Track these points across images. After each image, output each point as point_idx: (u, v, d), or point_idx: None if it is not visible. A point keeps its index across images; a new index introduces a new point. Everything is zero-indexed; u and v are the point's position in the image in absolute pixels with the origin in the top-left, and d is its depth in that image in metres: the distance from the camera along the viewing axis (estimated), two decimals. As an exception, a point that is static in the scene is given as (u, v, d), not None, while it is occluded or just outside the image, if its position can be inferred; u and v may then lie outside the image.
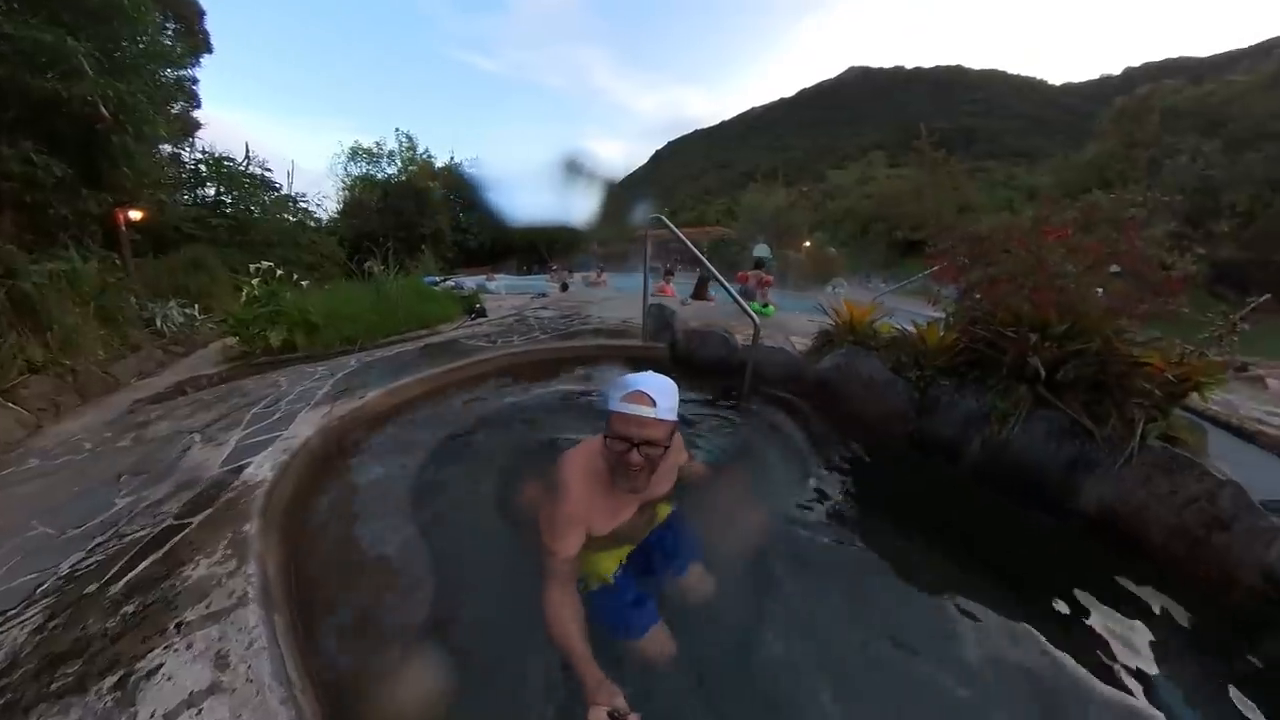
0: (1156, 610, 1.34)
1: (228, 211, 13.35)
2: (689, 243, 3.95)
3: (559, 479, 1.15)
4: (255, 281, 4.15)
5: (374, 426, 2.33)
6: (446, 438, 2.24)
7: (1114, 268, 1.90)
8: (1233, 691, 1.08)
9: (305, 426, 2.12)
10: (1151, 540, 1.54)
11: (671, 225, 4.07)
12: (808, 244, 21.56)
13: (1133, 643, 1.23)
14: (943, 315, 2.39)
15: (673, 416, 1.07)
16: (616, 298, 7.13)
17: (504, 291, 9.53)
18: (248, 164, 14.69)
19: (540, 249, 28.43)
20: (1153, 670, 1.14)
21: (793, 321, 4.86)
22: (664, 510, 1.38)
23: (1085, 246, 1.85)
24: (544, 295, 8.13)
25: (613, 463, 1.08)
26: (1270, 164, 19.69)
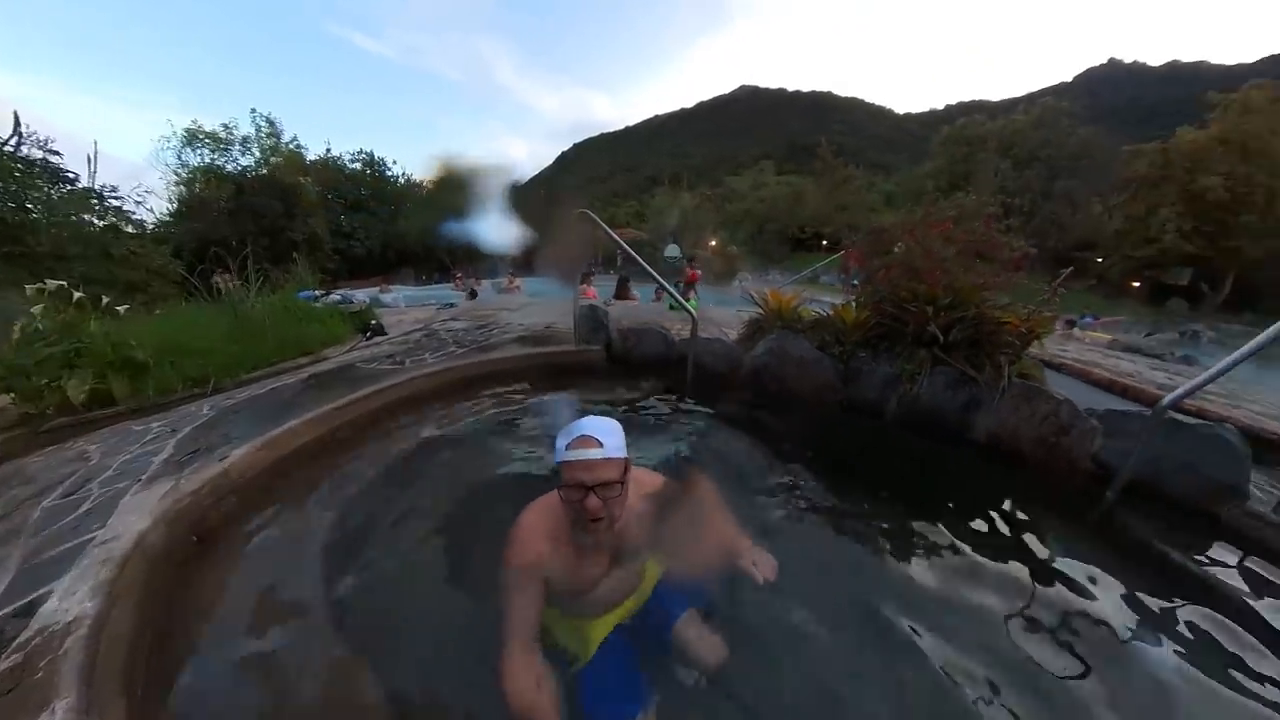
0: (1032, 497, 1.92)
1: (-15, 212, 9.47)
2: (624, 244, 3.93)
3: (515, 531, 1.09)
4: (38, 310, 2.95)
5: (247, 497, 1.70)
6: (361, 496, 1.76)
7: (953, 249, 2.44)
8: (1082, 534, 1.74)
9: (135, 516, 1.46)
10: (1024, 452, 2.10)
11: (600, 221, 4.10)
12: (714, 243, 23.13)
13: (1019, 519, 1.81)
14: (845, 300, 2.86)
15: (622, 454, 1.03)
16: (533, 303, 6.81)
17: (404, 304, 8.58)
18: (19, 144, 10.60)
19: (441, 255, 25.70)
20: (1034, 532, 1.72)
21: (715, 313, 5.22)
22: (652, 573, 1.25)
23: (958, 237, 2.38)
24: (452, 305, 7.44)
25: (573, 516, 1.03)
26: (1040, 179, 30.00)
